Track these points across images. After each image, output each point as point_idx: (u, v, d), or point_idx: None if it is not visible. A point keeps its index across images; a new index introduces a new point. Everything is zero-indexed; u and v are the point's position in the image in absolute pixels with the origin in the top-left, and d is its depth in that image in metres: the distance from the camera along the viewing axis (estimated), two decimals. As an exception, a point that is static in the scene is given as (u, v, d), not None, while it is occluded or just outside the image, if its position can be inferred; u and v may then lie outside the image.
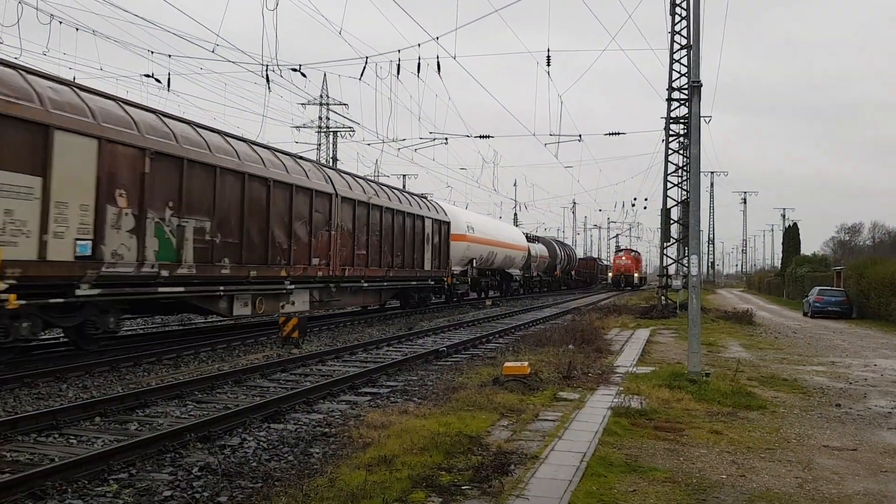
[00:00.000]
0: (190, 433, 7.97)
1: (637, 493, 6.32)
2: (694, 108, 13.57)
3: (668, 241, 31.66)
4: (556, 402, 10.34)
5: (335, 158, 63.22)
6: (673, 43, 29.74)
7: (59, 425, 8.58)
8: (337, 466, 6.83)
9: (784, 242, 68.23)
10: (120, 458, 6.97)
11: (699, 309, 13.11)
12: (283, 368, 13.53)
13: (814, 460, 7.70)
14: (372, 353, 16.46)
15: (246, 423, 8.83)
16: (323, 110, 61.36)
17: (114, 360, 13.38)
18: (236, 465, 7.10)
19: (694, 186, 13.59)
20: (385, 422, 8.72)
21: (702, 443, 8.23)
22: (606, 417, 9.22)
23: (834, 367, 15.61)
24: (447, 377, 12.80)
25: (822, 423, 9.70)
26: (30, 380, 11.43)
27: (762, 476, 7.02)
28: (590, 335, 18.68)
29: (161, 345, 16.16)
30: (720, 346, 18.95)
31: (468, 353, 16.90)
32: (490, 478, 6.47)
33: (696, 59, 13.83)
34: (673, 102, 30.04)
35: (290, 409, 9.86)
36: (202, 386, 11.33)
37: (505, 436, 8.21)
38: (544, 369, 12.82)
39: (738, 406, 10.36)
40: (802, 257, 59.17)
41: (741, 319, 28.51)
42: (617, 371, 13.54)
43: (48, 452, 7.49)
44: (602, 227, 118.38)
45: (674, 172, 30.79)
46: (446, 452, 7.27)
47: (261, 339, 18.07)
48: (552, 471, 6.83)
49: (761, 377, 13.33)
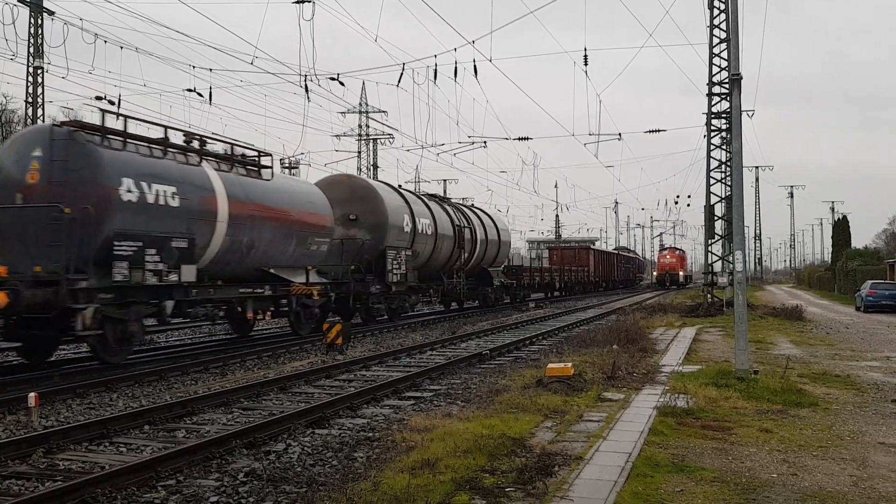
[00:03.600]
0: (236, 440, 8.07)
1: (684, 493, 6.21)
2: (734, 101, 13.34)
3: (713, 238, 31.16)
4: (600, 403, 10.23)
5: (376, 166, 63.68)
6: (712, 37, 29.29)
7: (109, 434, 8.75)
8: (380, 470, 6.84)
9: (834, 236, 66.57)
10: (168, 465, 7.09)
11: (745, 305, 12.85)
12: (327, 374, 13.63)
13: (869, 458, 7.47)
14: (415, 358, 16.49)
15: (291, 429, 8.90)
16: (362, 118, 61.89)
17: (162, 370, 13.62)
18: (281, 471, 7.16)
19: (737, 181, 13.35)
20: (428, 425, 8.72)
21: (751, 441, 8.05)
22: (652, 417, 9.09)
23: (889, 362, 15.17)
24: (490, 380, 12.76)
25: (878, 419, 9.42)
26: (82, 390, 11.69)
27: (814, 475, 6.84)
28: (634, 335, 18.46)
29: (208, 354, 16.41)
30: (769, 344, 18.55)
31: (511, 356, 16.82)
32: (534, 479, 6.42)
33: (736, 52, 13.59)
34: (714, 97, 29.58)
35: (335, 415, 9.92)
36: (248, 393, 11.47)
37: (548, 437, 8.14)
38: (588, 370, 12.70)
39: (789, 404, 10.12)
40: (853, 251, 57.68)
41: (790, 316, 27.87)
42: (662, 370, 13.35)
43: (99, 460, 7.65)
44: (645, 226, 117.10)
45: (717, 168, 30.31)
46: (490, 455, 7.24)
47: (305, 346, 18.23)
48: (597, 471, 6.75)
49: (812, 374, 13.02)
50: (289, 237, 18.50)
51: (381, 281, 22.96)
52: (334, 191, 23.14)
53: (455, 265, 29.90)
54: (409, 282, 24.82)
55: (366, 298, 22.50)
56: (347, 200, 23.57)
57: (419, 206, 26.78)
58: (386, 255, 23.20)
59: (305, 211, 19.48)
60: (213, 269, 16.03)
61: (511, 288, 37.28)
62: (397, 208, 24.70)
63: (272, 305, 18.15)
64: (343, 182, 24.69)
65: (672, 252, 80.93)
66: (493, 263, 34.70)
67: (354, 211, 23.50)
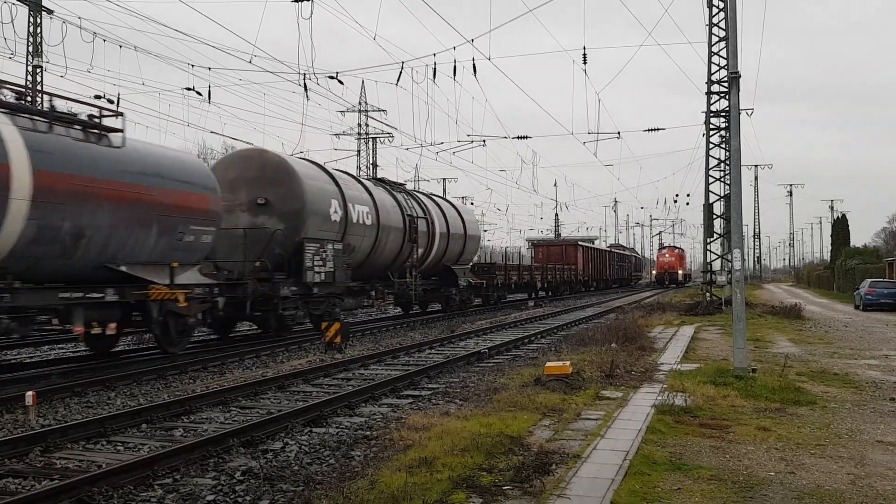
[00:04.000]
0: (233, 438, 8.06)
1: (681, 491, 6.20)
2: (733, 99, 13.32)
3: (712, 236, 31.16)
4: (598, 401, 10.22)
5: (375, 165, 63.69)
6: (711, 35, 29.28)
7: (106, 432, 8.74)
8: (378, 469, 6.83)
9: (833, 235, 66.60)
10: (165, 464, 7.09)
11: (744, 303, 12.85)
12: (325, 373, 13.62)
13: (867, 456, 7.47)
14: (414, 357, 16.48)
15: (288, 428, 8.90)
16: (362, 117, 61.90)
17: (161, 369, 13.61)
18: (278, 469, 7.15)
19: (735, 180, 13.34)
20: (426, 424, 8.71)
21: (749, 439, 8.05)
22: (650, 415, 9.08)
23: (888, 360, 15.17)
24: (488, 378, 12.75)
25: (876, 417, 9.41)
26: (80, 389, 11.68)
27: (812, 473, 6.83)
28: (633, 333, 18.45)
29: (207, 352, 16.40)
30: (767, 342, 18.55)
31: (510, 354, 16.82)
32: (531, 478, 6.41)
33: (735, 50, 13.56)
34: (713, 96, 29.57)
35: (332, 413, 9.91)
36: (246, 392, 11.46)
37: (546, 435, 8.13)
38: (586, 368, 12.69)
39: (787, 402, 10.11)
40: (852, 249, 57.69)
41: (789, 314, 27.86)
42: (661, 369, 13.35)
43: (96, 459, 7.64)
44: (644, 224, 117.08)
45: (715, 167, 30.29)
46: (487, 453, 7.23)
47: (304, 344, 18.23)
48: (594, 470, 6.74)
49: (811, 372, 13.01)
50: (146, 224, 13.92)
51: (298, 281, 18.61)
52: (240, 169, 19.26)
53: (407, 262, 25.60)
54: (340, 282, 20.34)
55: (275, 304, 17.99)
56: (256, 181, 19.12)
57: (355, 191, 22.31)
58: (304, 248, 18.72)
59: (174, 190, 14.71)
60: (17, 266, 11.88)
61: (481, 289, 33.12)
62: (320, 192, 20.11)
63: (120, 315, 13.79)
64: (252, 159, 19.75)
65: (671, 251, 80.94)
66: (458, 261, 30.32)
67: (264, 194, 18.99)
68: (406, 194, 26.91)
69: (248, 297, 17.07)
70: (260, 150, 20.99)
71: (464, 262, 31.28)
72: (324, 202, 20.11)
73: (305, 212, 19.24)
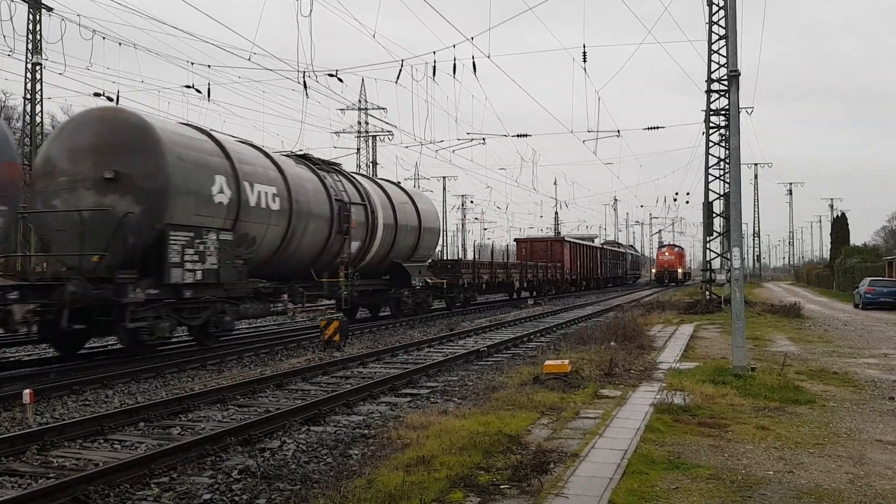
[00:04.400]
0: (230, 437, 8.04)
1: (680, 490, 6.18)
2: (732, 98, 13.30)
3: (711, 235, 31.13)
4: (597, 400, 10.20)
5: (375, 163, 63.69)
6: (711, 33, 29.24)
7: (104, 431, 8.72)
8: (375, 468, 6.81)
9: (832, 233, 66.61)
10: (162, 462, 7.06)
11: (742, 302, 12.83)
12: (324, 371, 13.60)
13: (866, 455, 7.45)
14: (413, 355, 16.46)
15: (286, 426, 8.87)
16: (361, 115, 61.91)
17: (159, 367, 13.59)
18: (275, 468, 7.13)
19: (734, 178, 13.32)
20: (424, 422, 8.69)
21: (747, 438, 8.03)
22: (648, 414, 9.06)
23: (887, 359, 15.15)
24: (487, 377, 12.74)
25: (875, 416, 9.40)
26: (78, 387, 11.67)
27: (811, 472, 6.81)
28: (632, 332, 18.44)
29: (206, 350, 16.37)
30: (767, 340, 18.53)
31: (509, 353, 16.80)
32: (529, 477, 6.39)
33: (734, 48, 13.54)
34: (712, 94, 29.53)
35: (330, 412, 9.89)
36: (244, 390, 11.44)
37: (545, 434, 8.11)
38: (585, 367, 12.67)
39: (786, 401, 10.09)
40: (852, 248, 57.68)
41: (788, 312, 27.85)
42: (660, 367, 13.33)
43: (93, 457, 7.62)
44: (644, 223, 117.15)
45: (715, 165, 30.27)
46: (485, 452, 7.21)
47: (303, 342, 18.21)
48: (593, 469, 6.72)
49: (810, 371, 12.99)
50: None
51: (160, 282, 14.07)
52: (88, 134, 14.62)
53: (339, 259, 20.76)
54: (231, 283, 15.78)
55: (119, 312, 13.43)
56: (107, 149, 14.40)
57: (256, 167, 17.30)
58: (166, 238, 14.10)
59: None
60: None
61: (443, 290, 28.76)
62: (196, 165, 15.24)
63: None
64: (103, 121, 14.80)
65: (671, 249, 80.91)
66: (410, 257, 25.78)
67: (114, 166, 14.20)
68: (339, 176, 21.88)
69: (64, 304, 12.48)
70: (115, 108, 17.20)
71: (419, 259, 26.65)
72: (201, 178, 15.28)
73: (170, 190, 14.43)
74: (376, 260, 23.68)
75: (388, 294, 25.07)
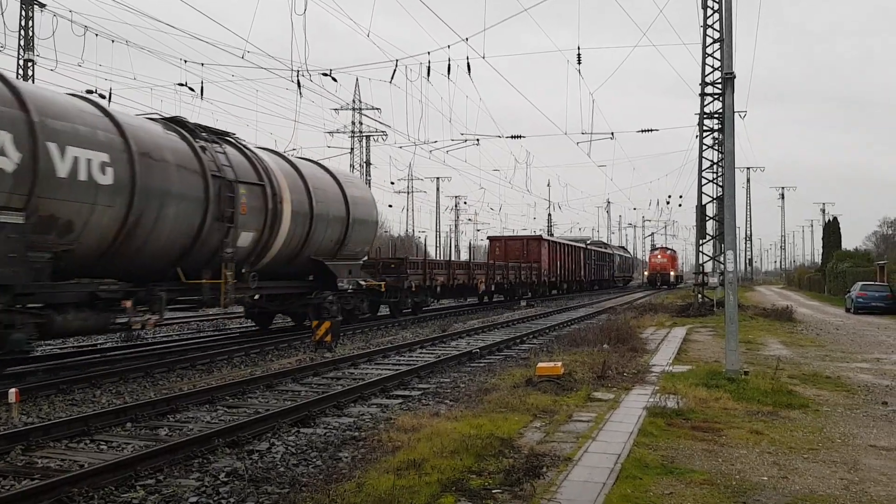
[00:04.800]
0: (218, 438, 7.93)
1: (674, 495, 6.10)
2: (727, 100, 13.26)
3: (704, 238, 31.13)
4: (590, 403, 10.12)
5: (368, 163, 63.56)
6: (705, 37, 29.24)
7: (90, 431, 8.60)
8: (365, 471, 6.71)
9: (824, 238, 66.77)
10: (148, 464, 6.95)
11: (736, 305, 12.78)
12: (315, 372, 13.48)
13: (860, 461, 7.39)
14: (405, 356, 16.36)
15: (275, 428, 8.76)
16: (355, 115, 61.80)
17: (148, 367, 13.46)
18: (263, 471, 7.02)
19: (729, 181, 13.26)
20: (416, 425, 8.59)
21: (741, 443, 7.96)
22: (642, 418, 8.99)
23: (879, 363, 15.13)
24: (479, 379, 12.65)
25: (868, 421, 9.35)
26: (65, 386, 11.53)
27: (805, 478, 6.74)
28: (625, 334, 18.38)
29: (196, 350, 16.24)
30: (759, 344, 18.51)
31: (501, 355, 16.72)
32: (521, 481, 6.31)
33: (730, 51, 13.50)
34: (706, 97, 29.53)
35: (321, 413, 9.78)
36: (234, 391, 11.32)
37: (537, 437, 8.03)
38: (578, 369, 12.60)
39: (779, 405, 10.04)
40: (844, 252, 57.79)
41: (781, 316, 27.87)
42: (652, 370, 13.26)
43: (78, 458, 7.50)
44: (637, 225, 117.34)
45: (708, 168, 30.28)
46: (477, 455, 7.12)
47: (294, 343, 18.09)
48: (586, 473, 6.64)
49: (803, 375, 12.95)
50: None
51: None
52: None
53: (223, 253, 15.63)
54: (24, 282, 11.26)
55: None
56: None
57: (73, 124, 12.44)
58: None
59: None
60: None
61: (383, 294, 24.54)
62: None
63: None
64: None
65: (663, 252, 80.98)
66: (336, 255, 20.87)
67: None
68: (226, 146, 16.65)
69: None
70: None
71: (348, 257, 21.58)
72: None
73: None
74: (285, 256, 18.67)
75: (306, 299, 20.08)
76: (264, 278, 17.94)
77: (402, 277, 25.96)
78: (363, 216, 22.28)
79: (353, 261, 22.20)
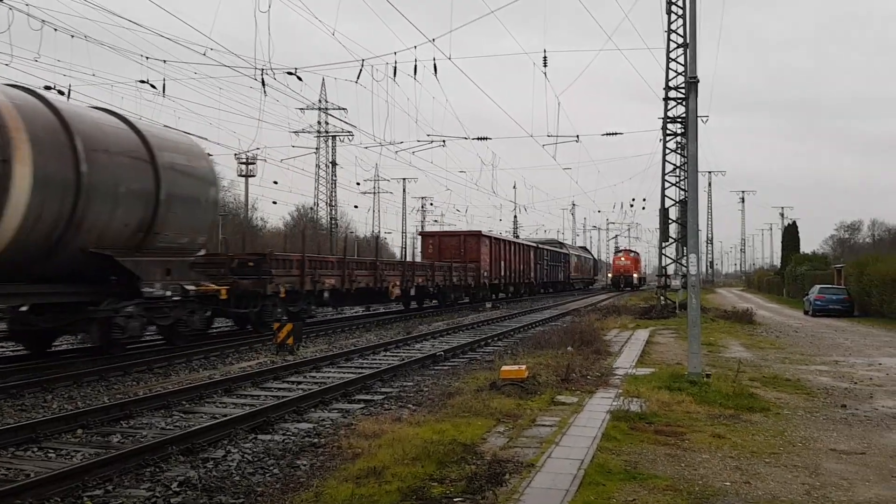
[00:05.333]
0: (172, 446, 7.68)
1: (637, 502, 6.03)
2: (691, 104, 13.32)
3: (667, 240, 31.42)
4: (553, 407, 10.05)
5: (334, 163, 63.10)
6: (669, 41, 29.53)
7: (38, 438, 8.30)
8: (324, 479, 6.54)
9: (783, 241, 67.99)
10: (97, 473, 6.69)
11: (699, 308, 12.83)
12: (275, 376, 13.24)
13: (821, 465, 7.41)
14: (368, 359, 16.17)
15: (231, 435, 8.53)
16: (321, 115, 61.31)
17: (103, 370, 13.10)
18: (218, 480, 6.80)
19: (692, 184, 13.32)
20: (377, 430, 8.43)
21: (704, 448, 7.94)
22: (605, 422, 8.94)
23: (837, 366, 15.32)
24: (443, 382, 12.53)
25: (829, 425, 9.41)
26: (15, 391, 11.15)
27: (767, 482, 6.73)
28: (589, 336, 18.39)
29: (154, 353, 15.86)
30: (720, 346, 18.66)
31: (466, 357, 16.62)
32: (483, 488, 6.19)
33: (693, 56, 13.57)
34: (670, 102, 29.83)
35: (279, 419, 9.56)
36: (190, 395, 11.04)
37: (500, 443, 7.92)
38: (542, 372, 12.54)
39: (741, 408, 10.06)
40: (802, 256, 58.89)
41: (741, 319, 28.21)
42: (616, 373, 13.26)
43: (24, 467, 7.21)
44: (601, 228, 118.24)
45: (671, 172, 30.61)
46: (439, 462, 6.99)
47: (255, 345, 17.78)
48: (549, 480, 6.55)
49: (763, 378, 13.04)
50: None
51: None
52: None
53: None
54: None
55: None
56: None
57: None
58: None
59: None
60: None
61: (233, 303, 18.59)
62: None
63: None
64: None
65: (627, 254, 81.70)
66: (140, 246, 15.03)
67: None
68: None
69: None
70: None
71: (163, 251, 15.63)
72: None
73: None
74: (31, 246, 12.77)
75: (89, 311, 14.00)
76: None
77: (263, 280, 19.49)
78: (189, 192, 16.26)
79: (175, 256, 16.01)
